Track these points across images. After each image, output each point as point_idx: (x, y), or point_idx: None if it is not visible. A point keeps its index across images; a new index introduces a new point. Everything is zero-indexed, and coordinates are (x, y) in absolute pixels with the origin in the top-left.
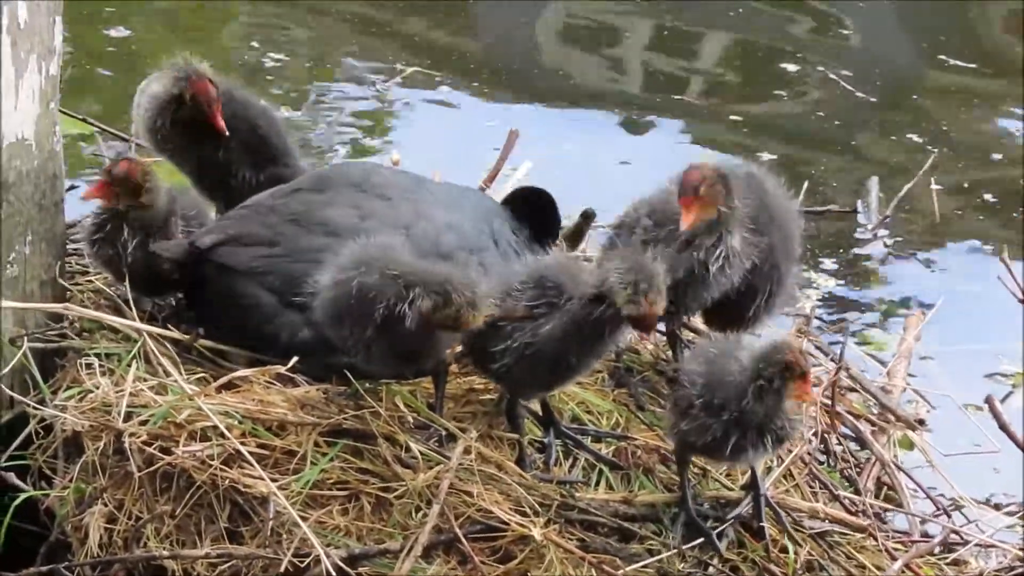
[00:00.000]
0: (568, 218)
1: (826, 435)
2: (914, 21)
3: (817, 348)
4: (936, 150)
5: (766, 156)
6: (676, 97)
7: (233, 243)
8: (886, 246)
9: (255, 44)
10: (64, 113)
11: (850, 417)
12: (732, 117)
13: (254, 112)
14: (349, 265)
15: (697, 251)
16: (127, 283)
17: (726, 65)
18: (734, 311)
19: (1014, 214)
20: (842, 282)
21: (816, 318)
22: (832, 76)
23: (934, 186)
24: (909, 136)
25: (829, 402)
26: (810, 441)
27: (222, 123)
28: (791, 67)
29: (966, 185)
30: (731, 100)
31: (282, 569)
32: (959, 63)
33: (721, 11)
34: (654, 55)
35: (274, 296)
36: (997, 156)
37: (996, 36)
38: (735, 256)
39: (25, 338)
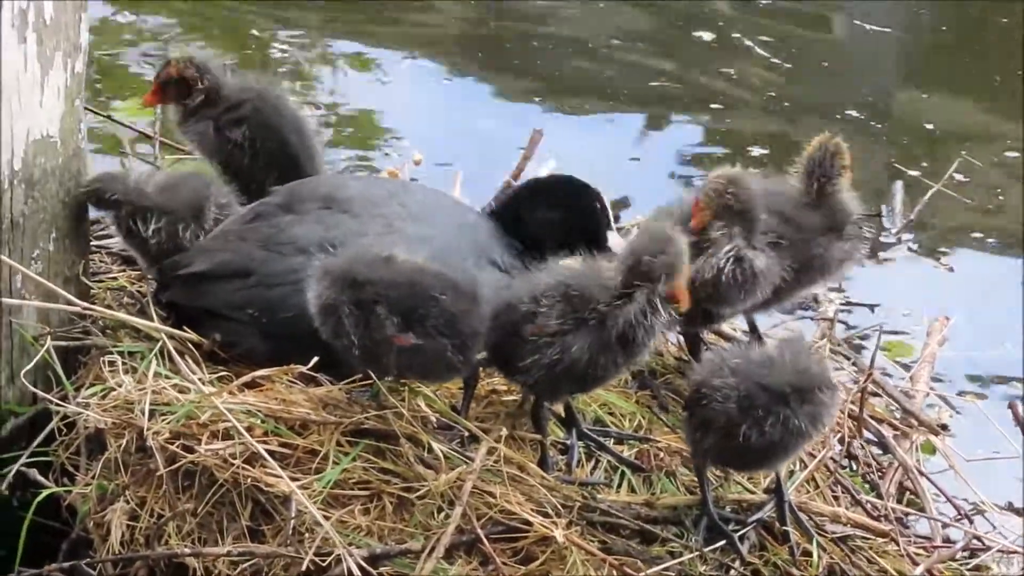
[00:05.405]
0: None
1: (850, 440)
2: None
3: (840, 353)
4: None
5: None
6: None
7: (206, 280)
8: (910, 250)
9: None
10: (88, 110)
11: (873, 422)
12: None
13: (287, 125)
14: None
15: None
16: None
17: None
18: None
19: None
20: (865, 286)
21: (840, 322)
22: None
23: (941, 185)
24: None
25: (854, 407)
26: (834, 446)
27: (150, 98)
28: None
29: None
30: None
31: (303, 568)
32: None
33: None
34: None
35: (256, 328)
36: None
37: None
38: (752, 269)
39: (48, 335)
